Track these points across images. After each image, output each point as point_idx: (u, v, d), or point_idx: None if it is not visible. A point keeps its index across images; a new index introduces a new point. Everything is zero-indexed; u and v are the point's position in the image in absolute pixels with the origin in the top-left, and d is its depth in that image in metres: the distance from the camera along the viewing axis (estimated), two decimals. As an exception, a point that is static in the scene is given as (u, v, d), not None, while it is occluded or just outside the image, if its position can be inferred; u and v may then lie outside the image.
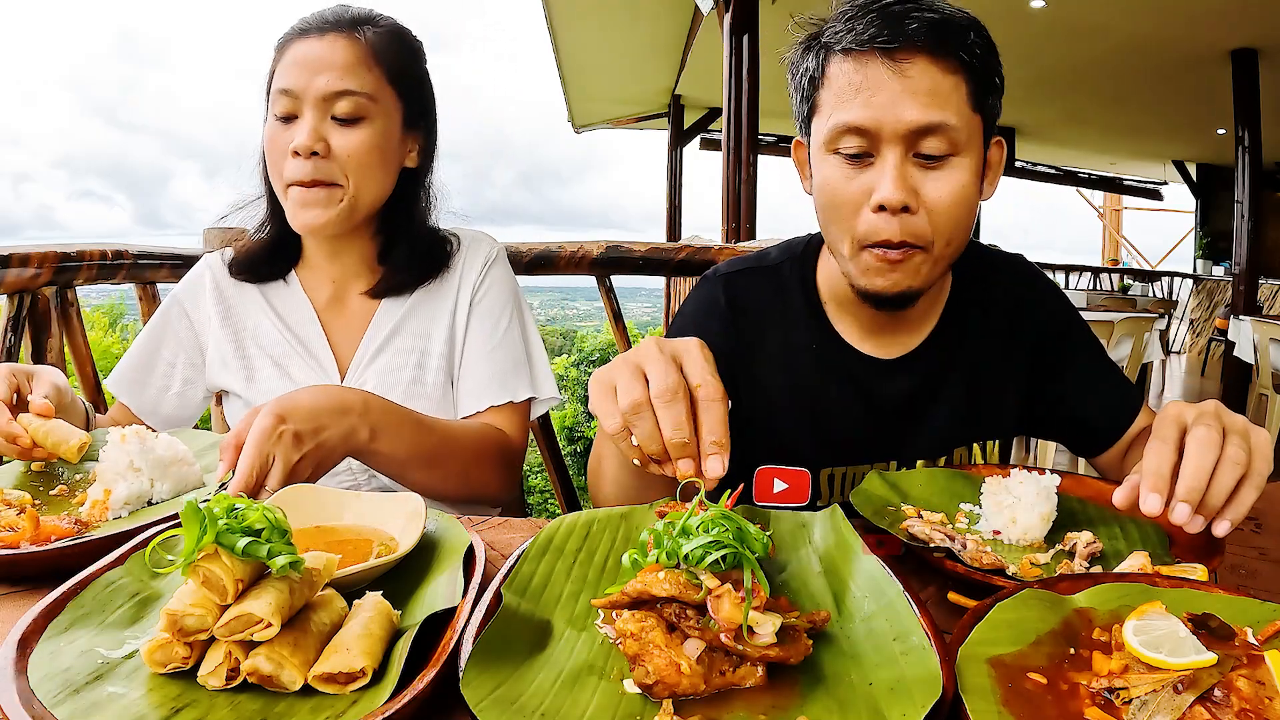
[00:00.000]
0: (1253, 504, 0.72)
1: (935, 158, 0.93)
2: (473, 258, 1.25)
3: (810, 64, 0.98)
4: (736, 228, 4.83)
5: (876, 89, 0.91)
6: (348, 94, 1.08)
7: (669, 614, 0.56)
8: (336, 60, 1.08)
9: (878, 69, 0.91)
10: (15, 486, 0.91)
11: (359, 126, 1.10)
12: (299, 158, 1.07)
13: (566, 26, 7.71)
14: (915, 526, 0.84)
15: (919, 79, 0.90)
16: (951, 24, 0.91)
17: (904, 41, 0.89)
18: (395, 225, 1.22)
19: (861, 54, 0.92)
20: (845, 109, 0.93)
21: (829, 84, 0.96)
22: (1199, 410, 0.75)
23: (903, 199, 0.91)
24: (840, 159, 0.95)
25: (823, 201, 0.99)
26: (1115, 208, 15.40)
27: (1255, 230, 6.77)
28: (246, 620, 0.55)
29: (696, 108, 10.23)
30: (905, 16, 0.90)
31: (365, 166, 1.11)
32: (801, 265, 1.14)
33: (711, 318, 1.12)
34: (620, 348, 2.21)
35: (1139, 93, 8.11)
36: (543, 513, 4.59)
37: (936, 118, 0.90)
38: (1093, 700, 0.52)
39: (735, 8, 4.86)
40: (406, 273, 1.21)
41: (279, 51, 1.13)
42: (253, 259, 1.21)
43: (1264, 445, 0.74)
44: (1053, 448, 3.73)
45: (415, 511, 0.78)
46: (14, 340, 1.47)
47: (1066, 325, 1.18)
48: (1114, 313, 5.37)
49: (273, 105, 1.10)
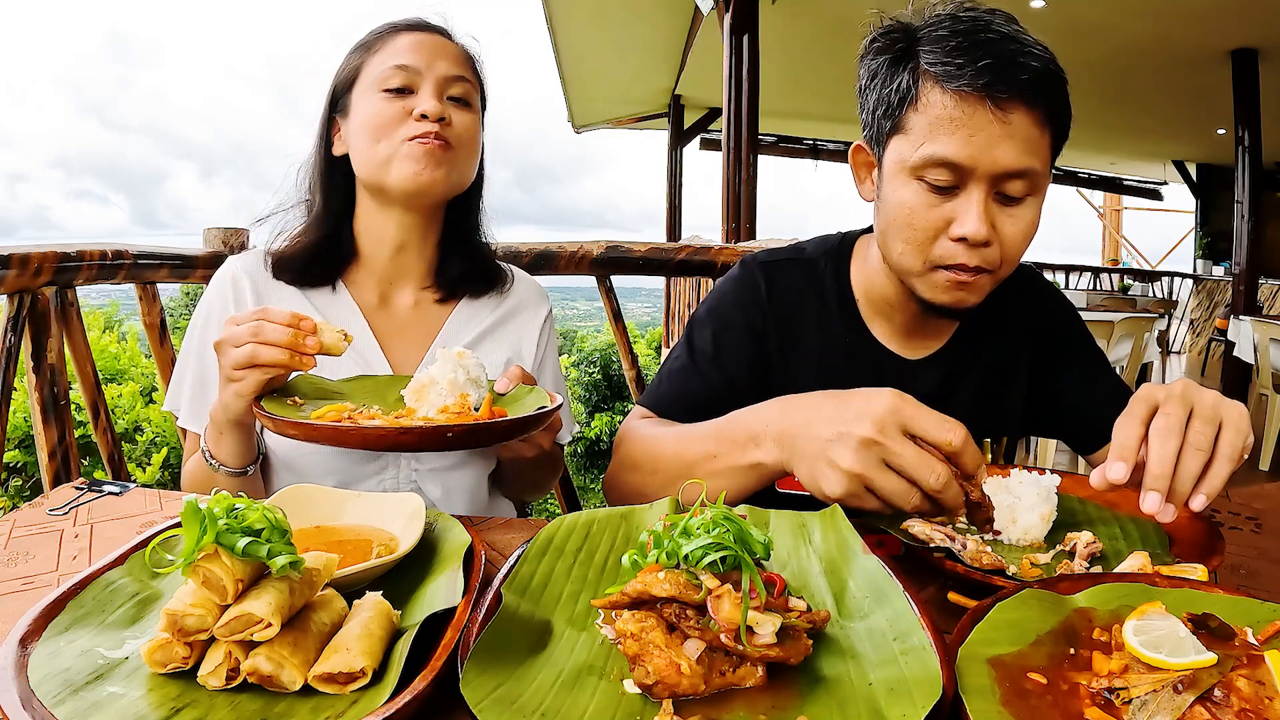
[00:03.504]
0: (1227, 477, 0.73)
1: (1015, 198, 0.96)
2: (535, 298, 1.34)
3: (904, 81, 0.97)
4: (736, 228, 4.82)
5: (976, 129, 0.92)
6: (462, 79, 1.17)
7: (669, 614, 0.56)
8: (449, 52, 1.18)
9: (981, 111, 0.91)
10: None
11: (469, 111, 1.18)
12: (425, 120, 1.11)
13: (567, 27, 7.71)
14: (915, 526, 0.84)
15: (1017, 126, 0.92)
16: (1050, 78, 0.93)
17: (1012, 92, 0.90)
18: (459, 227, 1.27)
19: (968, 93, 0.92)
20: (942, 142, 0.93)
21: (924, 110, 0.95)
22: (1167, 392, 0.76)
23: (986, 236, 0.95)
24: (924, 186, 0.96)
25: (898, 221, 0.99)
26: (1115, 208, 15.39)
27: (1255, 230, 6.76)
28: (246, 620, 0.55)
29: (696, 108, 10.23)
30: (1014, 63, 0.90)
31: (470, 145, 1.18)
32: (836, 263, 1.17)
33: (752, 304, 1.15)
34: (620, 348, 2.21)
35: (1139, 93, 8.11)
36: (543, 513, 4.59)
37: (1026, 164, 0.93)
38: (1093, 700, 0.52)
39: (735, 8, 4.86)
40: (465, 279, 1.26)
41: (375, 44, 1.17)
42: (297, 261, 1.20)
43: (1236, 418, 0.75)
44: (1053, 448, 3.73)
45: (415, 511, 0.78)
46: (14, 340, 1.47)
47: (1067, 325, 1.22)
48: (1114, 313, 5.38)
49: (382, 82, 1.13)
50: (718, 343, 1.14)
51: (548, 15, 7.41)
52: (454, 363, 0.98)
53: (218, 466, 1.03)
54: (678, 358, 1.17)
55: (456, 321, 1.25)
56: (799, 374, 1.13)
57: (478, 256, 1.28)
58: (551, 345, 1.35)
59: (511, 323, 1.30)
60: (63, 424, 1.55)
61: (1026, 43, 0.93)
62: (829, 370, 1.13)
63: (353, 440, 0.84)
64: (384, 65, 1.13)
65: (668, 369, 1.17)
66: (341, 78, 1.19)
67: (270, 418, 0.88)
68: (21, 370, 1.50)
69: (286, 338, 0.91)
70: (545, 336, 1.33)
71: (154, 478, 3.56)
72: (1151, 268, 13.76)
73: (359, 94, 1.15)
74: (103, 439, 1.69)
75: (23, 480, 3.45)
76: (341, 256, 1.22)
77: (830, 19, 6.36)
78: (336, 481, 1.12)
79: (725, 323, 1.15)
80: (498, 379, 1.06)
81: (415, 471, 1.17)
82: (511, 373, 1.06)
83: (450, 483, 1.18)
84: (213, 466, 1.04)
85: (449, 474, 1.18)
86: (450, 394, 0.96)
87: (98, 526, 0.88)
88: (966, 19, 0.95)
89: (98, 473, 2.95)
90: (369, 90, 1.14)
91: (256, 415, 0.91)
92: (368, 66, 1.16)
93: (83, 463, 2.97)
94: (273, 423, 0.88)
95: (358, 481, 1.14)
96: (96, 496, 0.96)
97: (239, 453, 1.03)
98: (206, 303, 1.20)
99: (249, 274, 1.20)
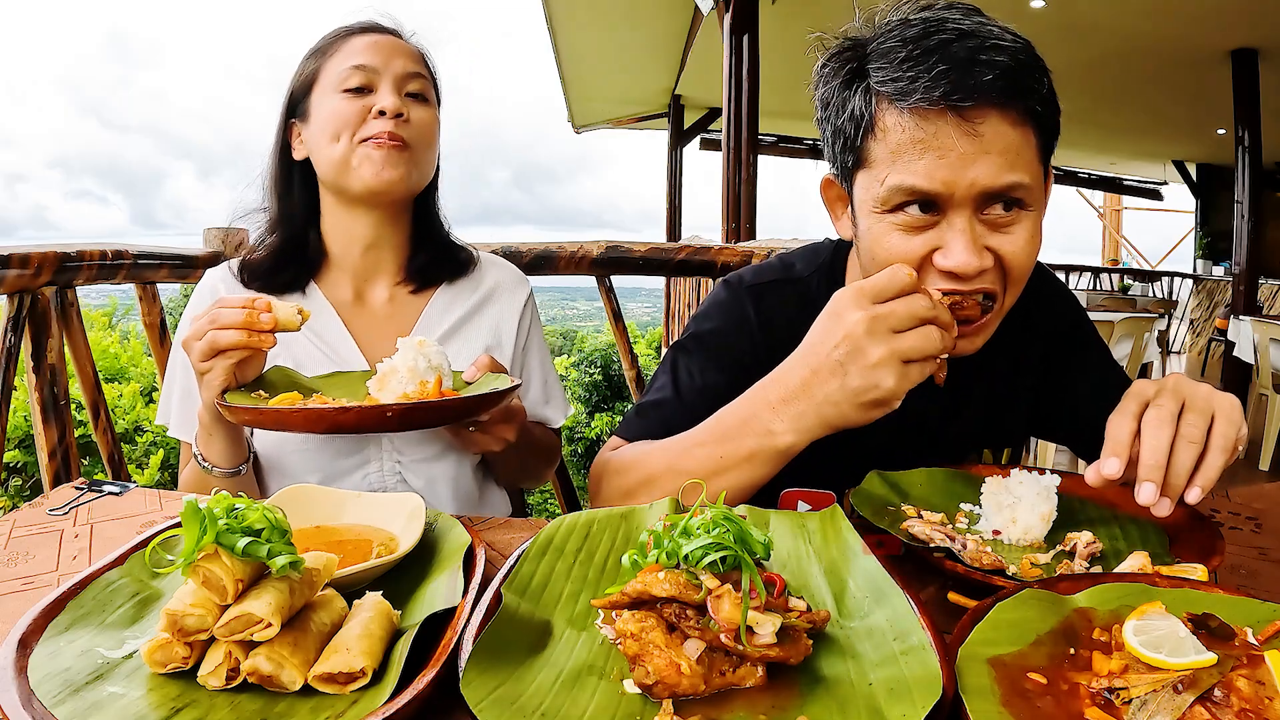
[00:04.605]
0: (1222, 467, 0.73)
1: (1006, 217, 0.85)
2: (513, 282, 1.35)
3: (856, 105, 0.86)
4: (736, 228, 4.82)
5: (944, 150, 0.81)
6: (419, 76, 1.20)
7: (669, 614, 0.56)
8: (404, 51, 1.20)
9: (945, 127, 0.80)
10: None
11: (427, 106, 1.20)
12: (382, 118, 1.14)
13: (567, 27, 7.71)
14: (915, 526, 0.84)
15: (991, 137, 0.80)
16: (1022, 72, 0.81)
17: (978, 99, 0.79)
18: (425, 220, 1.30)
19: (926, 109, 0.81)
20: (907, 171, 0.82)
21: (883, 137, 0.84)
22: (1158, 386, 0.76)
23: (978, 265, 0.84)
24: (898, 221, 0.86)
25: (880, 262, 0.88)
26: (1115, 208, 15.39)
27: (1255, 230, 6.76)
28: (246, 620, 0.55)
29: (696, 108, 10.23)
30: (974, 63, 0.79)
31: (429, 140, 1.20)
32: (829, 278, 1.09)
33: (741, 334, 1.07)
34: (620, 348, 2.21)
35: (1139, 93, 8.11)
36: (543, 513, 4.59)
37: (1010, 179, 0.82)
38: (1093, 700, 0.52)
39: (735, 8, 4.85)
40: (434, 267, 1.28)
41: (330, 47, 1.19)
42: (264, 268, 1.21)
43: (1229, 409, 0.74)
44: (1053, 447, 3.73)
45: (415, 511, 0.78)
46: (14, 340, 1.47)
47: (1074, 324, 1.18)
48: (1114, 313, 5.38)
49: (341, 83, 1.15)
50: (704, 374, 1.06)
51: (548, 15, 7.41)
52: (415, 351, 1.00)
53: (211, 468, 1.05)
54: (660, 389, 1.08)
55: (433, 312, 1.26)
56: None
57: (443, 245, 1.30)
58: (535, 328, 1.35)
59: (489, 309, 1.31)
60: (63, 424, 1.55)
61: (989, 35, 0.81)
62: None
63: (296, 422, 0.88)
64: (342, 66, 1.15)
65: (650, 401, 1.08)
66: (298, 83, 1.21)
67: (227, 406, 0.92)
68: (21, 370, 1.50)
69: (241, 318, 0.94)
70: (526, 320, 1.33)
71: (153, 478, 3.56)
72: (1151, 268, 13.76)
73: (318, 97, 1.17)
74: (103, 439, 1.69)
75: (23, 480, 3.45)
76: (310, 260, 1.23)
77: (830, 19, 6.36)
78: (322, 477, 1.14)
79: (711, 353, 1.07)
80: (466, 369, 1.08)
81: (398, 464, 1.18)
82: (479, 361, 1.08)
83: (433, 473, 1.19)
84: (206, 469, 1.05)
85: (431, 464, 1.19)
86: (410, 381, 0.98)
87: (98, 526, 0.88)
88: (917, 22, 0.84)
89: (98, 473, 2.95)
90: (328, 92, 1.16)
91: (217, 406, 0.94)
92: (325, 70, 1.18)
93: (83, 463, 2.96)
94: (229, 411, 0.92)
95: (342, 476, 1.16)
96: (96, 497, 0.96)
97: (229, 452, 1.05)
98: (189, 314, 1.22)
99: (224, 282, 1.23)
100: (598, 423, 7.15)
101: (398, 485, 1.18)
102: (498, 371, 1.09)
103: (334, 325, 1.21)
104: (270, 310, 0.95)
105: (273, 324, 0.95)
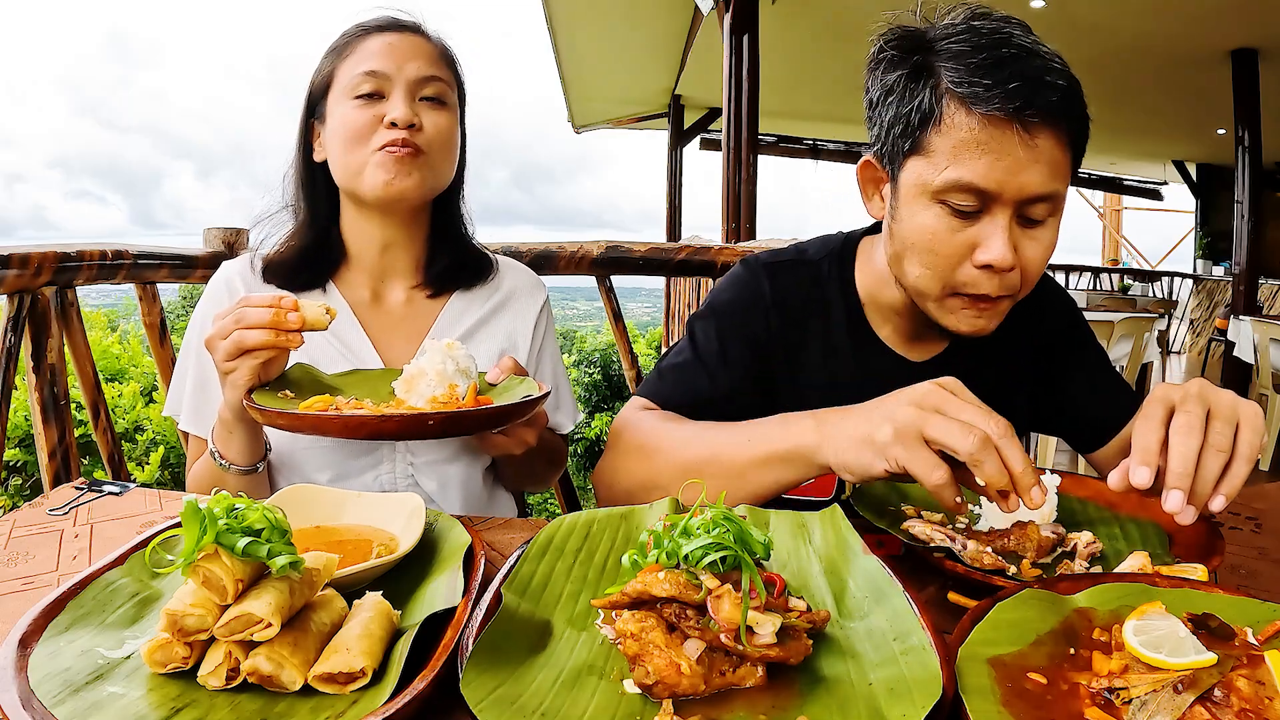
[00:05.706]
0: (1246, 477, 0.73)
1: (1038, 221, 0.93)
2: (529, 287, 1.33)
3: (924, 99, 0.92)
4: (736, 228, 4.82)
5: (1004, 154, 0.88)
6: (435, 79, 1.15)
7: (669, 614, 0.56)
8: (421, 52, 1.16)
9: (1009, 134, 0.88)
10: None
11: (444, 110, 1.16)
12: (394, 129, 1.11)
13: (566, 27, 7.71)
14: (915, 526, 0.84)
15: (1043, 150, 0.88)
16: (1075, 97, 0.90)
17: (1042, 115, 0.87)
18: (445, 223, 1.28)
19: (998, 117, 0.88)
20: (967, 166, 0.89)
21: (947, 131, 0.90)
22: (1184, 391, 0.76)
23: (1013, 262, 0.92)
24: (946, 210, 0.93)
25: (919, 245, 0.96)
26: (1115, 208, 15.38)
27: (1255, 230, 6.76)
28: (246, 620, 0.55)
29: (696, 108, 10.23)
30: (1042, 83, 0.87)
31: (446, 146, 1.17)
32: (840, 265, 1.15)
33: (756, 309, 1.13)
34: (620, 348, 2.21)
35: (1139, 93, 8.10)
36: (543, 513, 4.59)
37: (1052, 188, 0.90)
38: (1093, 700, 0.52)
39: (735, 8, 4.85)
40: (453, 273, 1.26)
41: (346, 48, 1.16)
42: (286, 265, 1.21)
43: (1253, 417, 0.74)
44: (1053, 447, 3.73)
45: (415, 511, 0.78)
46: (14, 340, 1.47)
47: (1071, 324, 1.21)
48: (1114, 313, 5.37)
49: (353, 89, 1.13)
50: (723, 342, 1.12)
51: (548, 15, 7.41)
52: (443, 354, 0.99)
53: (228, 466, 1.04)
54: (680, 352, 1.14)
55: (449, 315, 1.25)
56: (804, 377, 1.12)
57: (463, 250, 1.29)
58: (549, 334, 1.35)
59: (505, 313, 1.30)
60: (63, 424, 1.55)
61: (1048, 56, 0.89)
62: (834, 373, 1.12)
63: (335, 428, 0.86)
64: (354, 71, 1.13)
65: (670, 363, 1.14)
66: (316, 83, 1.19)
67: (258, 409, 0.89)
68: (21, 370, 1.50)
69: (268, 318, 0.92)
70: (542, 326, 1.32)
71: (153, 477, 3.56)
72: (1151, 268, 13.75)
73: (333, 100, 1.16)
74: (103, 439, 1.69)
75: (23, 480, 3.45)
76: (330, 259, 1.23)
77: (830, 19, 6.36)
78: (333, 475, 1.13)
79: (729, 322, 1.13)
80: (489, 370, 1.07)
81: (411, 465, 1.17)
82: (503, 364, 1.07)
83: (446, 475, 1.19)
84: (224, 467, 1.04)
85: (445, 467, 1.18)
86: (439, 384, 0.97)
87: (98, 526, 0.88)
88: (986, 31, 0.91)
89: (98, 472, 2.95)
90: (341, 97, 1.14)
91: (246, 407, 0.92)
92: (340, 72, 1.16)
93: (83, 462, 2.97)
94: (261, 414, 0.89)
95: (354, 475, 1.15)
96: (96, 496, 0.96)
97: (249, 450, 1.04)
98: (203, 307, 1.21)
99: (242, 277, 1.21)
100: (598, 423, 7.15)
101: (409, 487, 1.17)
102: (520, 374, 1.08)
103: (350, 325, 1.21)
104: (297, 309, 0.93)
105: (300, 323, 0.93)
